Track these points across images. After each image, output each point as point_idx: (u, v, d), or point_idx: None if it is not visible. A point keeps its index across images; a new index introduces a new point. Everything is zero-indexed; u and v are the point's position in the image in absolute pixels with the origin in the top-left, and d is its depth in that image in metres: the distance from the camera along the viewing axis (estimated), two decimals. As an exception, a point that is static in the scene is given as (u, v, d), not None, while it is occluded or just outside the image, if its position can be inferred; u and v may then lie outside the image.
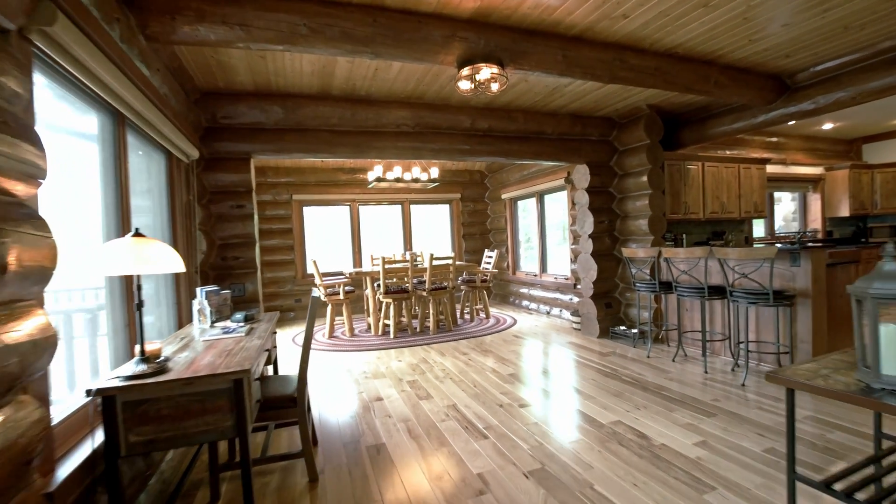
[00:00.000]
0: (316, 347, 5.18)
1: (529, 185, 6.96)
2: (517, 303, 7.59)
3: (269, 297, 7.15)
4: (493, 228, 8.47)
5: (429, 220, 8.62)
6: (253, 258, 3.74)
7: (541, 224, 6.96)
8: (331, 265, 7.75)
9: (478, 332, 5.64)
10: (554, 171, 6.36)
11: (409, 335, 5.57)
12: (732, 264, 3.72)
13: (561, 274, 6.45)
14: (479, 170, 8.53)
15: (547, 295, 6.69)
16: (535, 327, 5.81)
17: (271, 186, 7.20)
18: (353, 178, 7.64)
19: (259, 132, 3.79)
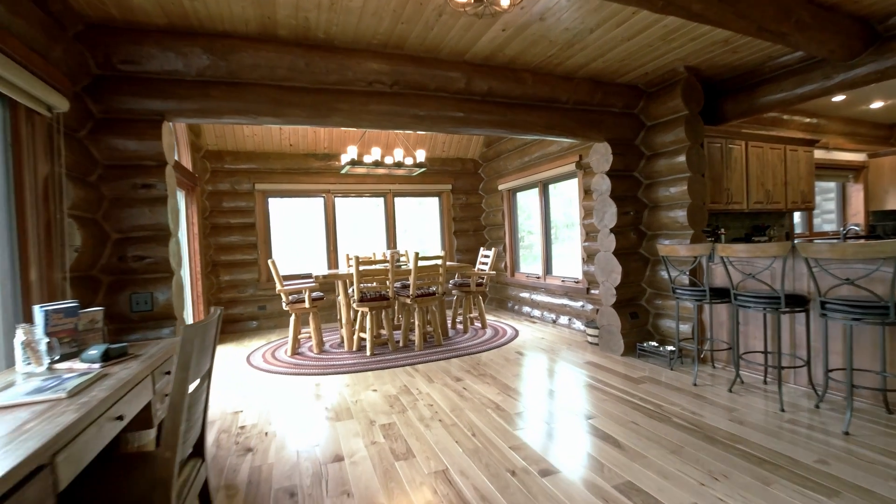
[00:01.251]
0: (273, 369, 4.15)
1: (531, 174, 6.00)
2: (517, 309, 6.62)
3: (228, 304, 6.09)
4: (488, 224, 7.50)
5: (416, 215, 7.61)
6: (166, 258, 2.70)
7: (544, 218, 6.00)
8: (301, 266, 6.70)
9: (473, 346, 4.65)
10: (562, 156, 5.40)
11: (391, 351, 4.57)
12: (832, 266, 2.79)
13: (570, 276, 5.49)
14: (472, 158, 7.55)
15: (553, 301, 5.74)
16: (542, 340, 4.85)
17: (229, 174, 6.13)
18: (327, 165, 6.60)
19: (176, 85, 2.76)
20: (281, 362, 4.37)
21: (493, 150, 7.06)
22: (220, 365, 4.40)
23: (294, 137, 6.27)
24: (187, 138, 5.14)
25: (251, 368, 4.23)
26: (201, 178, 5.72)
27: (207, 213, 5.99)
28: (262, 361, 4.43)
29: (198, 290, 5.22)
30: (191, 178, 5.09)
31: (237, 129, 5.94)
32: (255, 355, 4.69)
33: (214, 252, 6.05)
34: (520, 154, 6.32)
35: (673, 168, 3.90)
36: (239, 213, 6.18)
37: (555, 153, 5.54)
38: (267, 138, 6.16)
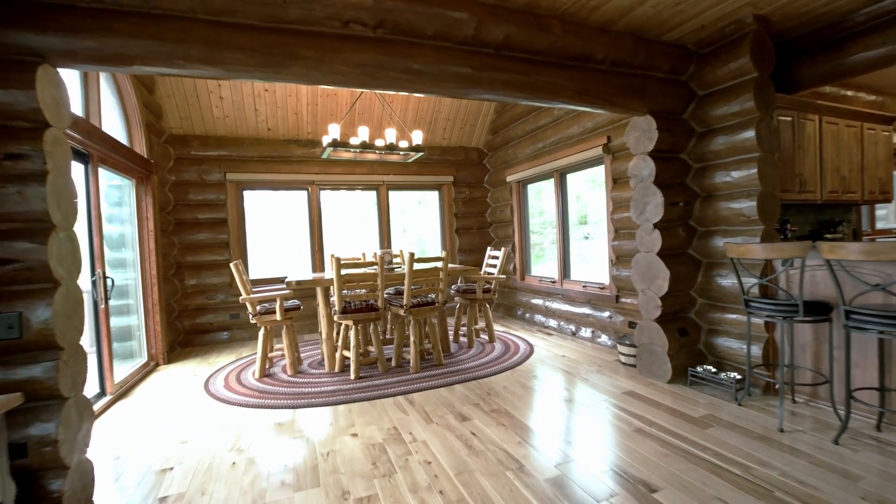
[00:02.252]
0: (233, 398, 3.32)
1: (546, 161, 5.17)
2: (528, 318, 5.79)
3: (194, 313, 5.26)
4: (494, 221, 6.67)
5: (414, 212, 6.78)
6: (45, 261, 1.86)
7: (561, 213, 5.17)
8: (282, 269, 5.87)
9: (480, 367, 3.82)
10: (584, 139, 4.57)
11: (380, 374, 3.74)
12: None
13: (593, 282, 4.66)
14: (475, 146, 6.72)
15: (572, 309, 4.90)
16: (562, 359, 4.01)
17: (196, 161, 5.30)
18: (311, 153, 5.77)
19: (62, 13, 1.92)
20: (245, 389, 3.54)
21: (501, 136, 6.23)
22: (172, 392, 3.57)
23: (272, 120, 5.44)
24: (141, 117, 4.31)
25: (207, 397, 3.40)
26: (161, 165, 4.89)
27: (171, 208, 5.15)
28: (222, 387, 3.60)
29: (153, 298, 4.39)
30: (144, 165, 4.26)
31: (205, 110, 5.11)
32: (217, 378, 3.86)
33: (179, 252, 5.22)
34: (532, 140, 5.49)
35: (736, 147, 3.07)
36: (208, 207, 5.34)
37: (576, 136, 4.71)
38: (241, 121, 5.33)
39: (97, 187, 3.38)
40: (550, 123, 5.12)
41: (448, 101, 5.94)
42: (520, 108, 5.68)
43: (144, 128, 4.39)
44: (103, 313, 3.38)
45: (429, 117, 6.04)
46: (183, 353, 4.90)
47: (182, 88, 4.87)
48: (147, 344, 4.36)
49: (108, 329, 3.41)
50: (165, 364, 4.47)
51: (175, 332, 5.07)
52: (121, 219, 4.28)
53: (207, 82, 4.90)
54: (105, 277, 3.40)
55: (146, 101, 4.57)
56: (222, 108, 5.14)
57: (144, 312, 4.35)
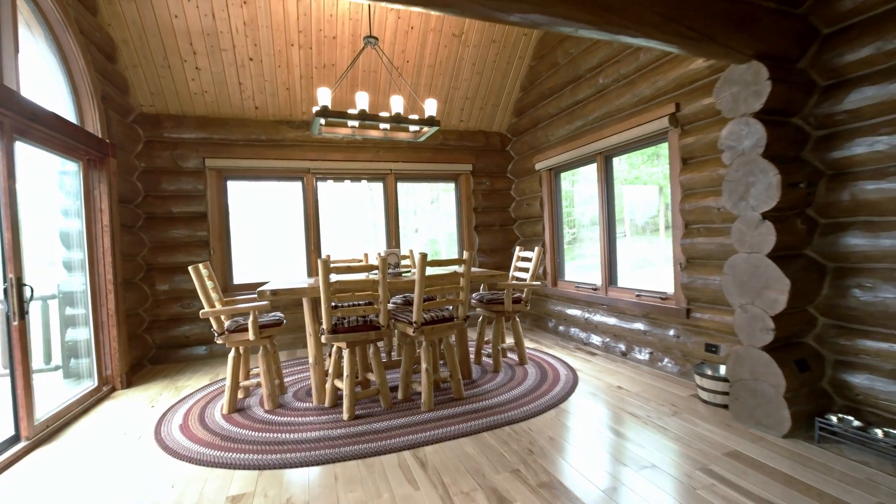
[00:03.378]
0: (185, 450, 2.46)
1: (586, 143, 4.24)
2: (562, 331, 4.86)
3: (167, 324, 4.44)
4: (519, 217, 5.75)
5: (426, 211, 5.92)
6: None
7: (606, 205, 4.23)
8: (270, 273, 5.05)
9: (514, 404, 2.91)
10: (641, 110, 3.63)
11: (383, 411, 2.86)
12: None
13: (650, 290, 3.71)
14: (497, 131, 5.81)
15: (621, 324, 3.96)
16: (619, 392, 3.08)
17: (171, 145, 4.49)
18: (306, 135, 4.93)
19: None
20: (206, 433, 2.68)
21: (528, 117, 5.31)
22: (113, 434, 2.74)
23: (260, 96, 4.61)
24: (94, 87, 3.50)
25: (154, 446, 2.56)
26: (127, 148, 4.09)
27: (139, 199, 4.35)
28: (177, 429, 2.75)
29: (108, 308, 3.58)
30: (96, 146, 3.46)
31: (180, 84, 4.29)
32: (176, 413, 3.02)
33: (150, 252, 4.41)
34: (568, 118, 4.56)
35: (883, 104, 2.12)
36: (184, 199, 4.53)
37: (628, 108, 3.77)
38: (222, 97, 4.51)
39: (9, 165, 2.56)
40: (593, 96, 4.19)
41: (466, 75, 5.05)
42: (552, 81, 4.76)
43: (99, 101, 3.59)
44: (16, 332, 2.56)
45: (444, 94, 5.16)
46: (150, 374, 4.08)
47: (150, 56, 4.06)
48: (98, 365, 3.55)
49: (23, 352, 2.59)
50: (124, 388, 3.66)
51: (144, 347, 4.26)
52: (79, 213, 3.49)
53: (180, 50, 4.09)
54: (20, 285, 2.58)
55: (105, 70, 3.77)
56: (200, 80, 4.33)
57: (95, 326, 3.54)
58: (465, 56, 4.88)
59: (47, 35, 3.20)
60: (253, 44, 4.21)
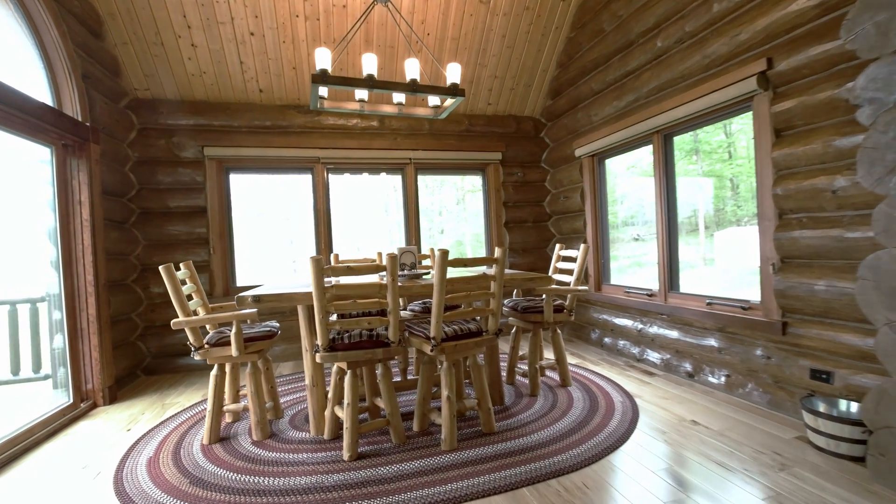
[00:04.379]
0: (138, 499, 1.95)
1: (639, 120, 3.55)
2: (608, 344, 4.16)
3: (162, 331, 4.00)
4: (556, 211, 5.08)
5: (451, 211, 5.34)
6: None
7: (666, 194, 3.52)
8: (276, 274, 4.57)
9: (559, 445, 2.27)
10: (715, 74, 2.92)
11: (393, 450, 2.28)
12: None
13: (729, 298, 2.99)
14: (530, 115, 5.16)
15: (686, 339, 3.25)
16: (695, 428, 2.39)
17: (167, 132, 4.06)
18: (316, 121, 4.42)
19: None
20: (176, 472, 2.16)
21: (566, 97, 4.64)
22: (68, 471, 2.26)
23: (264, 77, 4.12)
24: (71, 64, 3.07)
25: (108, 490, 2.05)
26: (118, 136, 3.67)
27: (133, 193, 3.94)
28: (143, 467, 2.25)
29: (89, 314, 3.15)
30: (72, 129, 3.02)
31: (175, 64, 3.85)
32: (150, 443, 2.52)
33: (144, 251, 3.99)
34: (616, 93, 3.88)
35: None
36: (181, 193, 4.09)
37: (696, 72, 3.07)
38: (223, 79, 4.05)
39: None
40: (648, 63, 3.50)
41: (495, 49, 4.43)
42: (595, 52, 4.09)
43: (78, 79, 3.16)
44: (-49, 346, 2.11)
45: (469, 72, 4.55)
46: (140, 386, 3.64)
47: (140, 32, 3.63)
48: (76, 378, 3.11)
49: (-40, 371, 2.14)
50: (106, 404, 3.21)
51: (136, 356, 3.83)
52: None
53: (173, 24, 3.64)
54: (-43, 289, 2.13)
55: (89, 46, 3.36)
56: (197, 59, 3.87)
57: (72, 334, 3.10)
58: (493, 27, 4.26)
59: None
60: (254, 15, 3.72)
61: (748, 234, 3.21)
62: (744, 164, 3.31)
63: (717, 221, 3.51)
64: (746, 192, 3.28)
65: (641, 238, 4.22)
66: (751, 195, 3.27)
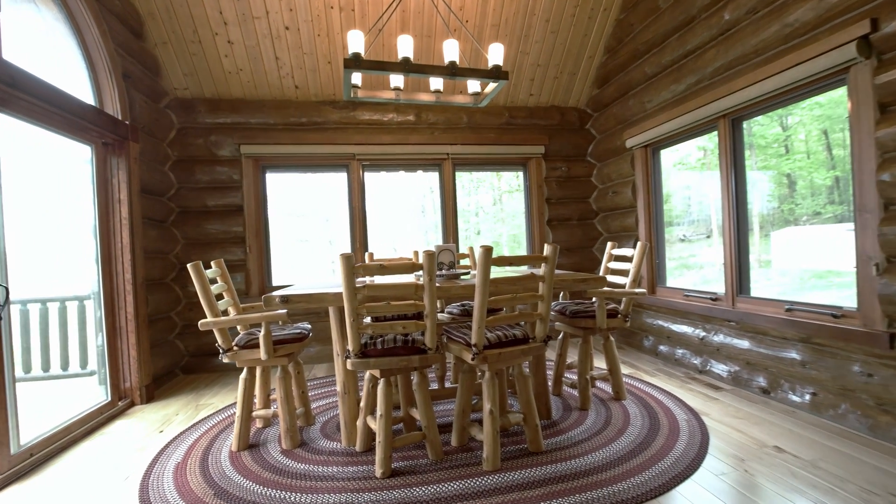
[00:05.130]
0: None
1: (702, 103, 3.18)
2: (663, 352, 3.79)
3: (198, 332, 4.00)
4: (603, 208, 4.73)
5: (488, 206, 5.11)
6: None
7: (734, 186, 3.13)
8: (311, 273, 4.49)
9: (616, 469, 1.99)
10: (800, 44, 2.54)
11: (429, 466, 2.07)
12: None
13: (812, 304, 2.59)
14: (575, 106, 4.84)
15: (760, 350, 2.86)
16: (779, 456, 2.04)
17: (205, 131, 4.05)
18: (351, 116, 4.30)
19: None
20: (201, 481, 2.05)
21: (615, 85, 4.29)
22: (98, 474, 2.20)
23: (300, 73, 4.04)
24: (111, 63, 3.08)
25: (132, 497, 1.96)
26: (159, 136, 3.69)
27: (172, 192, 3.96)
28: (170, 473, 2.15)
29: (127, 312, 3.14)
30: (112, 127, 3.02)
31: (213, 62, 3.83)
32: (179, 447, 2.44)
33: (183, 250, 4.00)
34: (674, 75, 3.51)
35: None
36: (218, 191, 4.07)
37: (774, 44, 2.68)
38: (259, 76, 4.00)
39: (-19, 141, 2.10)
40: (713, 39, 3.12)
41: (538, 36, 4.16)
42: (649, 33, 3.73)
43: (118, 78, 3.17)
44: (-14, 343, 2.09)
45: (510, 61, 4.30)
46: (177, 386, 3.63)
47: (179, 30, 3.62)
48: (113, 376, 3.11)
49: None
50: (143, 403, 3.20)
51: (174, 355, 3.84)
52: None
53: (210, 20, 3.61)
54: (-7, 286, 2.11)
55: (130, 47, 3.37)
56: (233, 56, 3.84)
57: (111, 333, 3.10)
58: (536, 10, 3.99)
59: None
60: (288, 8, 3.64)
61: (809, 234, 2.82)
62: (802, 160, 2.93)
63: (771, 221, 3.11)
64: (804, 189, 2.90)
65: (688, 239, 3.85)
66: (809, 192, 2.87)
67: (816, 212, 2.88)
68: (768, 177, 3.15)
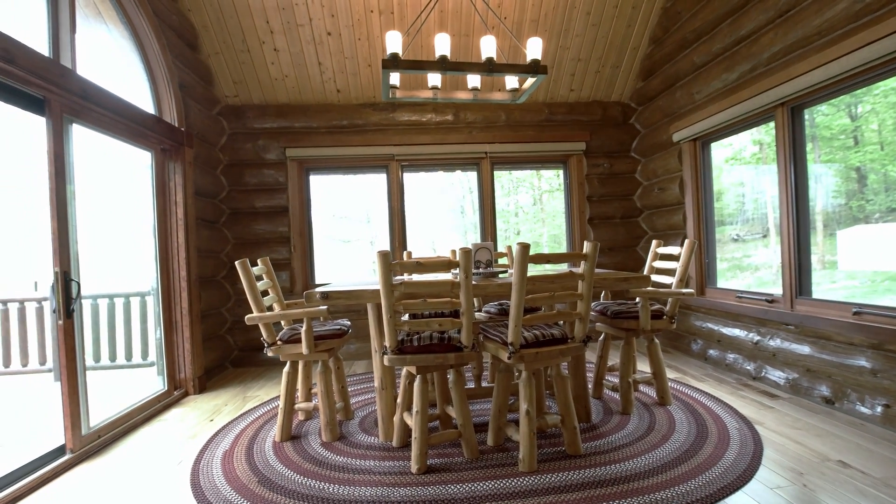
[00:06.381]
0: (210, 494, 1.94)
1: (755, 92, 2.98)
2: (712, 356, 3.59)
3: (247, 327, 4.19)
4: (648, 206, 4.55)
5: (528, 206, 5.04)
6: None
7: (793, 180, 2.92)
8: (353, 272, 4.60)
9: (659, 477, 1.90)
10: (877, 18, 2.33)
11: (465, 465, 2.07)
12: None
13: (888, 308, 2.37)
14: (617, 101, 4.68)
15: (823, 356, 2.64)
16: (843, 472, 1.87)
17: (253, 136, 4.25)
18: (390, 118, 4.37)
19: None
20: (247, 469, 2.15)
21: (661, 77, 4.12)
22: (155, 457, 2.36)
23: (341, 77, 4.16)
24: (170, 74, 3.29)
25: (184, 481, 2.09)
26: (211, 141, 3.91)
27: (223, 194, 4.18)
28: (218, 460, 2.27)
29: (182, 307, 3.35)
30: (170, 134, 3.23)
31: (260, 68, 4.01)
32: (228, 435, 2.57)
33: (233, 249, 4.22)
34: (726, 63, 3.32)
35: None
36: (265, 193, 4.26)
37: (841, 24, 2.47)
38: (303, 80, 4.15)
39: (59, 147, 2.30)
40: (769, 23, 2.93)
41: (579, 29, 4.05)
42: (698, 20, 3.55)
43: (175, 88, 3.38)
44: (61, 331, 2.29)
45: (550, 56, 4.22)
46: (227, 378, 3.83)
47: (229, 41, 3.82)
48: (170, 367, 3.32)
49: (69, 354, 2.31)
50: (196, 394, 3.40)
51: (224, 349, 4.05)
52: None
53: (257, 30, 3.78)
54: (67, 280, 2.31)
55: (186, 58, 3.59)
56: (279, 63, 4.00)
57: (168, 327, 3.31)
58: (576, 3, 3.89)
59: (121, 17, 3.02)
60: (330, 14, 3.75)
61: (883, 233, 2.57)
62: (875, 152, 2.66)
63: (837, 219, 2.85)
64: (877, 183, 2.63)
65: (742, 238, 3.63)
66: (883, 187, 2.61)
67: (892, 208, 2.63)
68: (833, 171, 2.91)
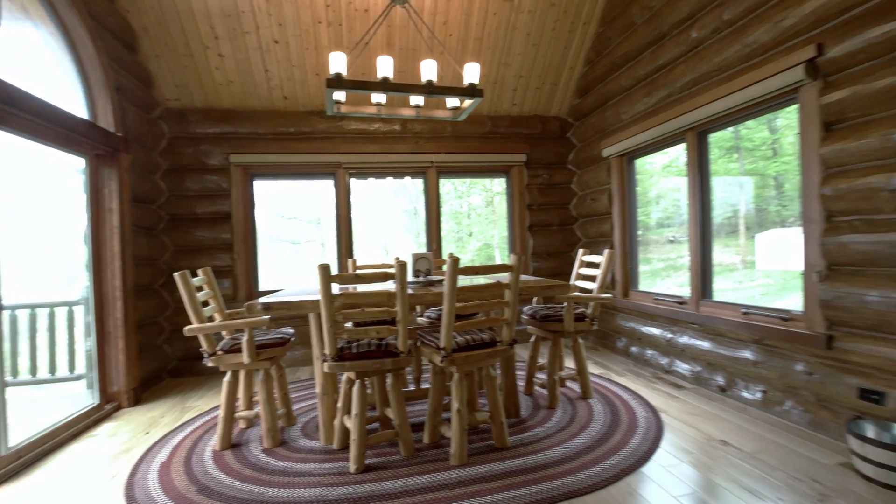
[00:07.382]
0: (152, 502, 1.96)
1: (671, 116, 3.34)
2: (634, 352, 3.95)
3: (185, 336, 4.11)
4: (582, 214, 4.89)
5: (480, 207, 5.25)
6: None
7: (700, 195, 3.30)
8: (296, 280, 4.62)
9: (574, 462, 2.14)
10: (756, 64, 2.71)
11: (401, 462, 2.21)
12: None
13: (764, 308, 2.76)
14: (556, 115, 5.00)
15: (719, 351, 3.02)
16: (723, 449, 2.19)
17: (195, 141, 4.17)
18: (338, 126, 4.44)
19: None
20: (185, 479, 2.18)
21: (594, 96, 4.46)
22: (86, 475, 2.32)
23: (289, 85, 4.18)
24: (106, 78, 3.20)
25: (118, 496, 2.09)
26: (150, 145, 3.81)
27: (163, 200, 4.08)
28: (155, 472, 2.27)
29: (116, 318, 3.26)
30: (104, 139, 3.14)
31: (204, 73, 3.96)
32: (165, 447, 2.56)
33: (172, 256, 4.12)
34: (647, 89, 3.68)
35: None
36: (207, 199, 4.20)
37: (735, 63, 2.85)
38: (249, 87, 4.13)
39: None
40: (682, 56, 3.29)
41: (520, 48, 4.31)
42: (626, 46, 3.90)
43: (112, 92, 3.29)
44: (-18, 348, 2.21)
45: (493, 73, 4.45)
46: (165, 389, 3.75)
47: (171, 44, 3.75)
48: (102, 380, 3.22)
49: (-10, 372, 2.23)
50: (130, 406, 3.31)
51: (162, 360, 3.95)
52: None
53: (201, 35, 3.74)
54: (-12, 293, 2.23)
55: (124, 61, 3.50)
56: (224, 69, 3.97)
57: (100, 338, 3.22)
58: (518, 24, 4.15)
59: (50, 15, 2.91)
60: (277, 23, 3.77)
61: (793, 236, 2.96)
62: (790, 162, 3.07)
63: (758, 223, 3.26)
64: (792, 190, 3.04)
65: (677, 240, 4.01)
66: (797, 194, 3.02)
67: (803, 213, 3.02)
68: (756, 179, 3.29)
